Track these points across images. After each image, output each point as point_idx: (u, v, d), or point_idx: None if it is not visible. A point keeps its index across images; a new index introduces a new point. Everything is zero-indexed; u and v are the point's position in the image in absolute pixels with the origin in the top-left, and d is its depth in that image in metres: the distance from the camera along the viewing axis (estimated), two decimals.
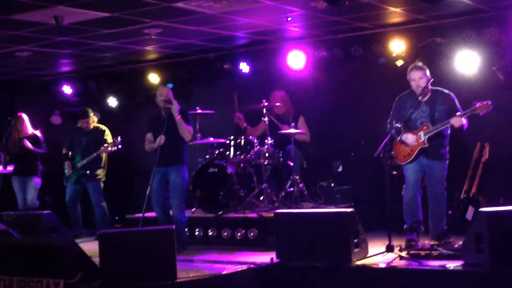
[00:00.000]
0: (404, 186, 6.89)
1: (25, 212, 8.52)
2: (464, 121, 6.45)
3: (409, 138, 6.65)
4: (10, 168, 9.13)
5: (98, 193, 8.83)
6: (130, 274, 5.53)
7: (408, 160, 6.68)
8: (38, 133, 9.26)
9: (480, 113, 6.35)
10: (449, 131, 6.70)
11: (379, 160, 6.66)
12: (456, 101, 6.65)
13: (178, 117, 7.17)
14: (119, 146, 8.66)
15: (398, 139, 6.75)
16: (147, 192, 7.07)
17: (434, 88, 6.74)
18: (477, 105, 6.33)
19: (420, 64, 6.74)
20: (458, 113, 6.45)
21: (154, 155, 7.24)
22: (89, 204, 9.02)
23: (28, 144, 9.03)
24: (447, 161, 6.74)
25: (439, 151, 6.67)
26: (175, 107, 7.20)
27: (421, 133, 6.61)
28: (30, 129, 9.23)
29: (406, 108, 6.68)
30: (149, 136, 7.44)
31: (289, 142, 8.37)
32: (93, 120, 9.02)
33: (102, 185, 8.91)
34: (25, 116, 9.24)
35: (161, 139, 7.10)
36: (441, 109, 6.60)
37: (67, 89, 10.78)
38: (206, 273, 5.96)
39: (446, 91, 6.75)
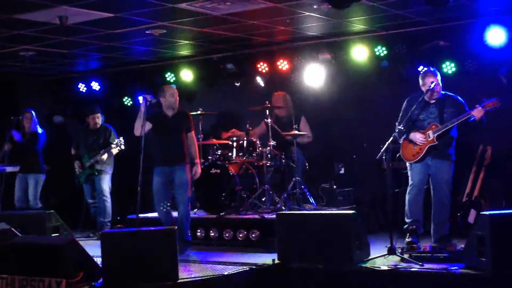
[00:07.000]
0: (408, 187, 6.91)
1: (28, 211, 8.54)
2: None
3: (418, 137, 6.72)
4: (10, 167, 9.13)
5: (104, 184, 8.88)
6: (132, 274, 5.55)
7: (417, 158, 6.73)
8: (39, 129, 9.27)
9: (489, 110, 6.47)
10: (456, 134, 6.77)
11: (381, 163, 6.68)
12: (465, 104, 6.72)
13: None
14: (122, 147, 8.69)
15: (401, 141, 6.79)
16: (138, 191, 6.70)
17: (443, 91, 6.81)
18: (486, 103, 6.47)
19: (433, 69, 6.84)
20: (477, 105, 6.51)
21: (157, 154, 7.22)
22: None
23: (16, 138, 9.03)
24: (453, 163, 6.77)
25: (446, 152, 6.72)
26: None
27: (430, 132, 6.69)
28: (34, 126, 9.24)
29: (414, 109, 6.72)
30: (148, 124, 7.13)
31: (292, 143, 8.37)
32: (99, 118, 9.03)
33: (109, 178, 8.93)
34: (32, 113, 9.25)
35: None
36: (450, 111, 6.70)
37: (72, 89, 10.82)
38: (208, 274, 5.97)
39: (454, 94, 6.82)
